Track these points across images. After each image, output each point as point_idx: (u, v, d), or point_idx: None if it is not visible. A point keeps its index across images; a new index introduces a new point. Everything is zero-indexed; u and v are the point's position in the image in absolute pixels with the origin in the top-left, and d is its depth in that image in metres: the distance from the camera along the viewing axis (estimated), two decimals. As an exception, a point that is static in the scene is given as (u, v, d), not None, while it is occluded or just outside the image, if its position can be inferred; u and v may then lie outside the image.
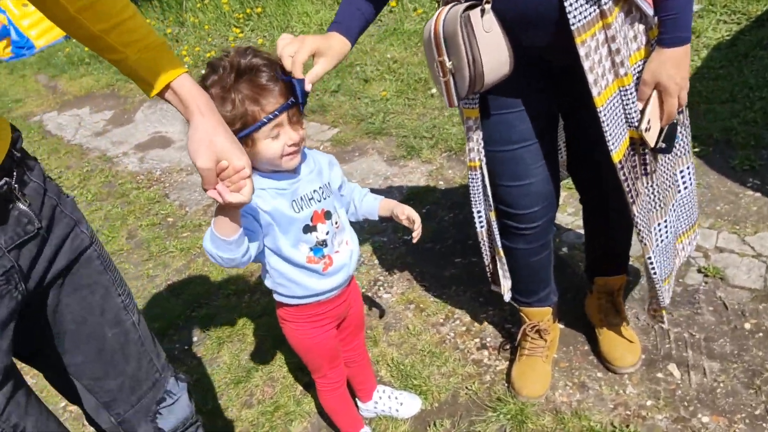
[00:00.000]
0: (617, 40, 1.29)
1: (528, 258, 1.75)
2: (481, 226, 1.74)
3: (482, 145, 1.57)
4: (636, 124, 1.39)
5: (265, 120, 1.23)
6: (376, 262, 2.62)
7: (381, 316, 2.31)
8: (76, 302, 1.11)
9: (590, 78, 1.32)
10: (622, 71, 1.33)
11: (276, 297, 1.51)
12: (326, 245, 1.43)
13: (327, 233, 1.42)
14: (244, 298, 2.59)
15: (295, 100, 1.25)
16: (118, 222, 3.49)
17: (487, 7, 1.27)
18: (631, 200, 1.49)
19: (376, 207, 1.59)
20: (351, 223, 1.55)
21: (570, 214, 2.58)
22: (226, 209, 1.12)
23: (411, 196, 2.98)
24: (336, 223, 1.45)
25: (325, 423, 1.95)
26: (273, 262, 1.42)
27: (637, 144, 1.45)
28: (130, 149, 4.46)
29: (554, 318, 1.91)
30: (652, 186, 1.52)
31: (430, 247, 2.63)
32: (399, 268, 2.55)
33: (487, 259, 1.84)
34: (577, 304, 2.11)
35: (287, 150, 1.30)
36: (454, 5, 1.32)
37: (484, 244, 1.79)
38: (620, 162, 1.42)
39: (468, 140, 1.58)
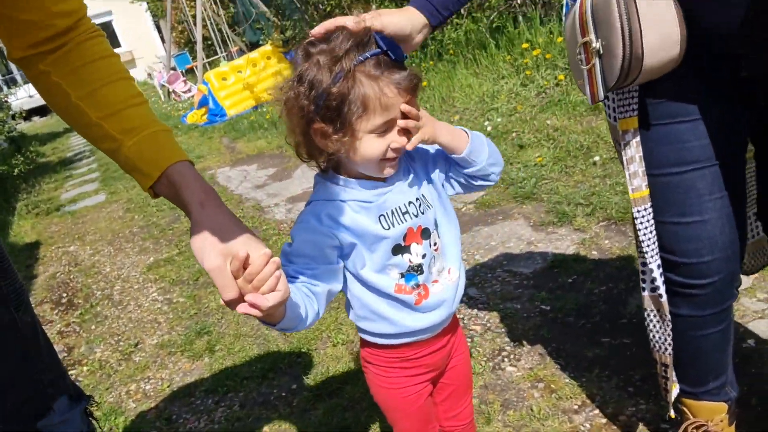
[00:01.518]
0: None
1: (696, 331, 1.30)
2: (653, 290, 1.29)
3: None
4: None
5: (361, 58, 0.97)
6: (504, 330, 2.24)
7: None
8: None
9: None
10: None
11: (360, 333, 1.22)
12: (421, 272, 1.13)
13: (423, 256, 1.12)
14: (352, 350, 2.34)
15: (382, 48, 0.98)
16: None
17: (653, -37, 0.97)
18: None
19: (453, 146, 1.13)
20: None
21: (761, 300, 2.01)
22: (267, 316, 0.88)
23: (556, 263, 2.58)
24: (435, 244, 1.15)
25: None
26: (355, 289, 1.14)
27: None
28: (282, 201, 4.57)
29: (730, 420, 1.39)
30: None
31: (572, 321, 2.20)
32: (531, 340, 2.15)
33: (660, 343, 1.33)
34: (765, 414, 1.56)
35: (390, 154, 1.04)
36: (608, -28, 1.04)
37: (655, 323, 1.33)
38: None
39: (627, 163, 1.21)
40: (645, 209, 1.22)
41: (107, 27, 19.39)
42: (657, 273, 1.24)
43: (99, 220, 5.56)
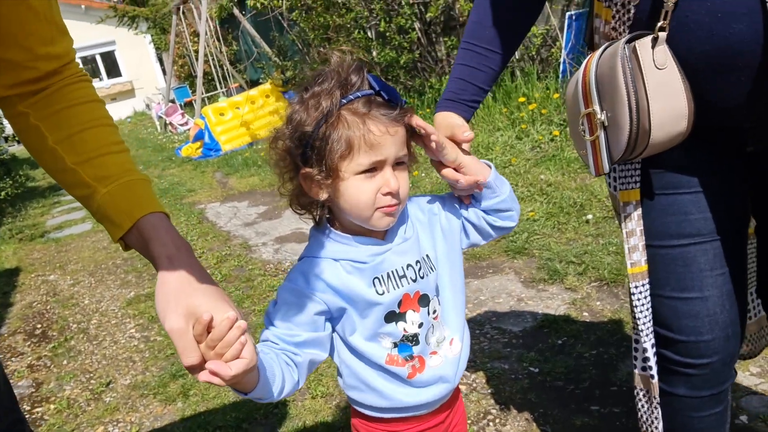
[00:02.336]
0: None
1: (691, 412, 1.24)
2: (644, 369, 1.23)
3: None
4: None
5: (343, 101, 0.93)
6: (491, 391, 2.17)
7: None
8: None
9: None
10: None
11: (351, 402, 1.14)
12: (417, 342, 1.05)
13: (420, 325, 1.05)
14: (331, 403, 2.25)
15: (375, 89, 0.95)
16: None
17: (661, 35, 0.95)
18: None
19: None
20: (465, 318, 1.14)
21: (755, 375, 1.96)
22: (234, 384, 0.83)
23: (546, 323, 2.52)
24: (434, 312, 1.07)
25: None
26: (344, 355, 1.06)
27: None
28: (270, 240, 4.51)
29: (726, 507, 1.32)
30: None
31: (560, 386, 2.13)
32: (518, 404, 2.08)
33: (648, 425, 1.27)
34: (761, 498, 1.49)
35: (381, 200, 0.96)
36: (612, 42, 1.03)
37: (644, 402, 1.27)
38: None
39: (627, 237, 1.17)
40: (642, 285, 1.17)
41: (110, 56, 19.53)
42: (650, 353, 1.19)
43: (83, 249, 5.45)
